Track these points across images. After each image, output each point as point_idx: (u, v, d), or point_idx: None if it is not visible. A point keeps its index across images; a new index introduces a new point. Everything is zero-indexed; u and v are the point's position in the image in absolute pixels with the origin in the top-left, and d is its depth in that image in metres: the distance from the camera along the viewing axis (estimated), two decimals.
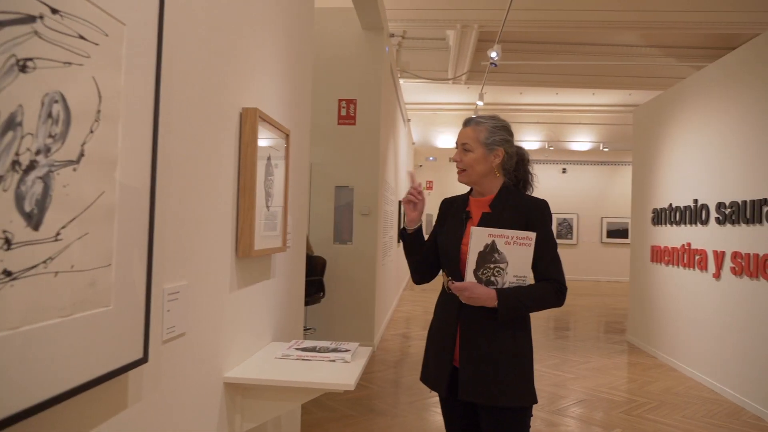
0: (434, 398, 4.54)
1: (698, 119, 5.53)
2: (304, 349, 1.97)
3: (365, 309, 6.15)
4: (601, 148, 15.44)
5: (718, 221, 4.95)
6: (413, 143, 14.96)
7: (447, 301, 1.97)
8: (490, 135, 2.00)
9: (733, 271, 4.69)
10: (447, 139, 15.74)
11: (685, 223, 5.59)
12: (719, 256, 4.91)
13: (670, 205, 5.91)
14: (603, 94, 12.59)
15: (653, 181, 6.46)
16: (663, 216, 6.10)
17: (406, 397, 4.64)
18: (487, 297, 1.85)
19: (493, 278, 1.89)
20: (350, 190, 6.18)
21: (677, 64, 9.87)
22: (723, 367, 4.82)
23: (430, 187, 16.17)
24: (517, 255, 1.89)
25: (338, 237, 6.20)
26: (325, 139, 6.13)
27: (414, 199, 2.03)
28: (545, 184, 12.80)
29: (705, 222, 5.20)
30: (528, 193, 2.12)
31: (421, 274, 2.12)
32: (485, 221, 1.97)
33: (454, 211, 2.10)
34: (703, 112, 5.44)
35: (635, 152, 7.23)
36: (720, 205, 4.93)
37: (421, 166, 16.06)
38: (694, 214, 5.39)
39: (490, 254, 1.88)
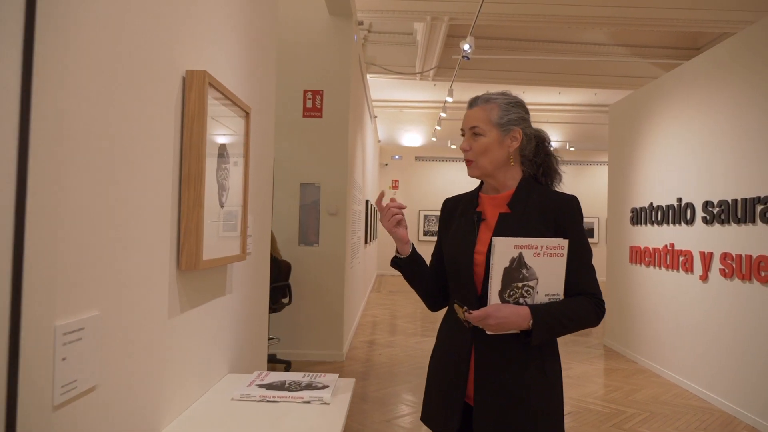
0: (410, 416, 4.15)
1: (682, 115, 5.32)
2: (269, 386, 1.54)
3: (333, 316, 5.72)
4: (567, 147, 15.40)
5: (705, 221, 4.73)
6: (379, 141, 14.57)
7: (456, 320, 1.58)
8: (504, 113, 1.61)
9: (723, 273, 4.46)
10: (413, 137, 15.44)
11: (667, 223, 5.37)
12: (707, 258, 4.69)
13: (651, 204, 5.69)
14: (569, 93, 12.52)
15: (632, 180, 6.25)
16: (643, 215, 5.88)
17: (379, 414, 4.24)
18: (518, 318, 1.46)
19: (521, 300, 1.51)
20: (317, 188, 5.74)
21: (642, 61, 9.84)
22: (712, 374, 4.59)
23: (395, 186, 15.82)
24: (548, 268, 1.51)
25: (304, 238, 5.75)
26: (289, 133, 5.67)
27: (400, 216, 1.65)
28: None
29: (690, 222, 4.98)
30: (554, 185, 1.72)
31: (433, 299, 1.75)
32: (505, 224, 1.57)
33: (461, 212, 1.70)
34: (687, 107, 5.23)
35: (611, 150, 7.02)
36: (707, 204, 4.71)
37: (386, 164, 15.69)
38: (678, 214, 5.17)
39: (517, 270, 1.49)
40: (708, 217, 4.69)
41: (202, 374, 1.51)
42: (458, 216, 1.70)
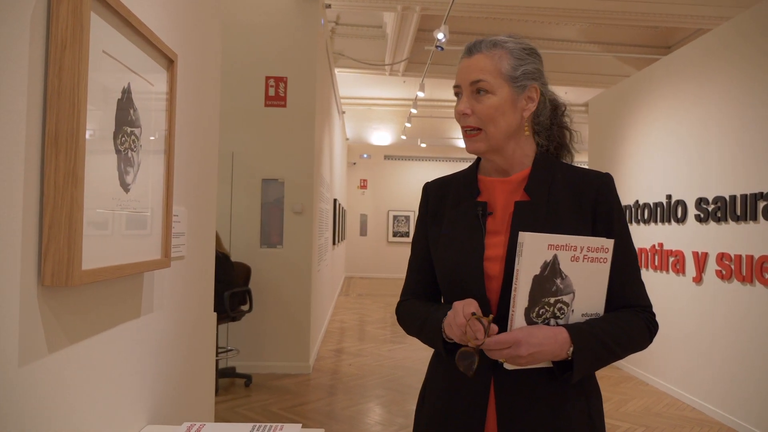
0: None
1: (670, 108, 5.03)
2: None
3: (299, 323, 5.22)
4: None
5: (699, 219, 4.42)
6: (347, 139, 14.10)
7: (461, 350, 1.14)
8: (517, 62, 1.18)
9: (719, 274, 4.16)
10: (382, 135, 15.02)
11: (655, 222, 5.06)
12: (701, 258, 4.38)
13: (637, 201, 5.39)
14: None
15: (615, 177, 5.92)
16: (628, 214, 5.57)
17: None
18: (554, 344, 1.05)
19: (553, 321, 1.09)
20: (280, 185, 5.24)
21: (616, 55, 9.67)
22: (707, 382, 4.28)
23: (364, 186, 15.36)
24: (587, 279, 1.10)
25: (266, 240, 5.24)
26: (249, 124, 5.16)
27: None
28: None
29: (681, 220, 4.67)
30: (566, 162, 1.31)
31: None
32: (525, 217, 1.15)
33: (453, 202, 1.25)
34: (676, 99, 4.94)
35: (591, 146, 6.73)
36: (701, 201, 4.40)
37: (354, 163, 15.22)
38: (668, 212, 4.87)
39: (549, 280, 1.07)
40: (702, 215, 4.38)
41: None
42: (450, 208, 1.25)
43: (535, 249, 1.05)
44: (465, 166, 1.32)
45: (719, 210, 4.16)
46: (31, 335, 0.80)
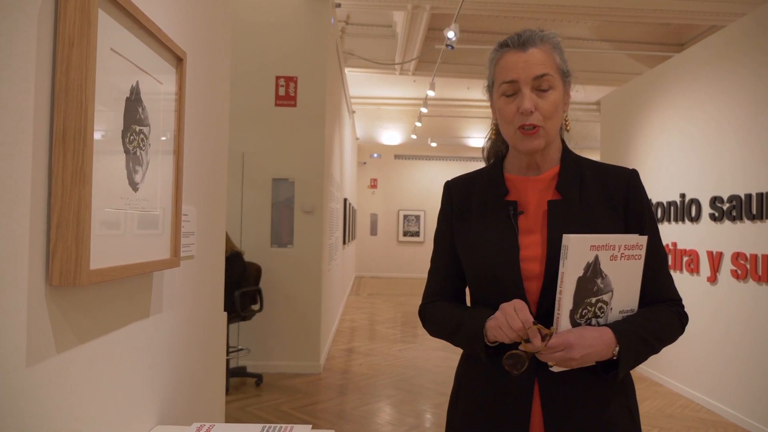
0: None
1: (683, 105, 4.96)
2: None
3: (309, 323, 5.22)
4: None
5: (713, 218, 4.36)
6: (357, 138, 14.10)
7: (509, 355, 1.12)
8: (564, 56, 1.18)
9: (735, 274, 4.09)
10: (392, 135, 14.99)
11: (668, 221, 5.00)
12: (715, 258, 4.32)
13: (650, 200, 5.32)
14: None
15: None
16: None
17: None
18: (602, 345, 1.05)
19: (594, 320, 1.10)
20: (290, 184, 5.24)
21: (630, 53, 9.57)
22: (723, 384, 4.22)
23: (374, 186, 15.35)
24: (624, 276, 1.11)
25: (276, 239, 5.24)
26: (259, 123, 5.16)
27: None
28: None
29: (695, 219, 4.61)
30: None
31: None
32: (559, 217, 1.14)
33: (480, 200, 1.23)
34: (689, 96, 4.87)
35: (603, 144, 6.67)
36: (715, 200, 4.34)
37: (365, 163, 15.22)
38: (681, 211, 4.80)
39: (591, 281, 1.07)
40: (716, 214, 4.32)
41: None
42: (477, 207, 1.23)
43: (579, 251, 1.05)
44: (476, 165, 1.31)
45: (734, 209, 4.10)
46: (38, 335, 0.79)
